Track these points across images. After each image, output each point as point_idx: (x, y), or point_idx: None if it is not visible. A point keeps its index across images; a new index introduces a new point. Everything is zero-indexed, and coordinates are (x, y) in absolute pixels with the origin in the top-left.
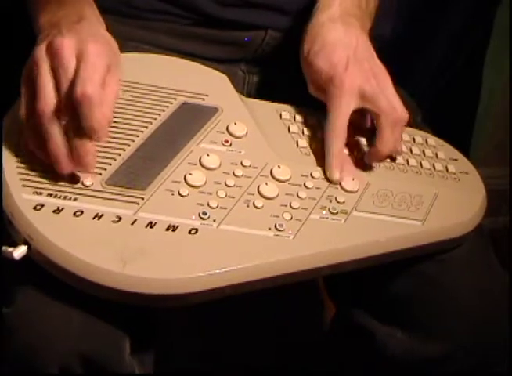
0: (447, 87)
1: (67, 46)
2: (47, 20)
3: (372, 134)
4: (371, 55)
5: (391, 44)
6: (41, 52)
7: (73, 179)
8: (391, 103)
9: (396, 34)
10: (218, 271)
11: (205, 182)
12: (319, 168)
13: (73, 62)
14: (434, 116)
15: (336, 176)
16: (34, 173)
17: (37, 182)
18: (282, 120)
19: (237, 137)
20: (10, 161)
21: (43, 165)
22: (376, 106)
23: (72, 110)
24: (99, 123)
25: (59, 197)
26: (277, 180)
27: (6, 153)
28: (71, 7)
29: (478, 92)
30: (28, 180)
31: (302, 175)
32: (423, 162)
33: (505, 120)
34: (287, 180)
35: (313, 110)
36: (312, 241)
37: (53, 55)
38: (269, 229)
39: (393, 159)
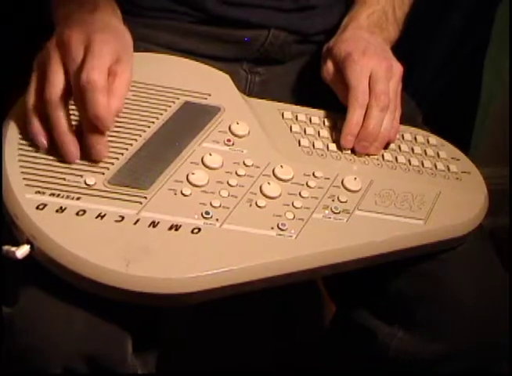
0: (447, 87)
1: (75, 37)
2: (62, 13)
3: None
4: (391, 55)
5: (392, 45)
6: (51, 44)
7: (75, 177)
8: (387, 89)
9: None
10: (220, 270)
11: (208, 182)
12: (322, 168)
13: (81, 52)
14: (434, 116)
15: (349, 144)
16: (36, 173)
17: (40, 181)
18: (284, 119)
19: (239, 136)
20: (13, 161)
21: (46, 165)
22: (373, 87)
23: (81, 100)
24: (103, 110)
25: (62, 197)
26: (279, 180)
27: (9, 153)
28: None
29: (478, 92)
30: (31, 180)
31: (305, 175)
32: (424, 162)
33: (505, 120)
34: (290, 180)
35: (315, 109)
36: (315, 241)
37: (62, 46)
38: (272, 228)
39: (395, 158)
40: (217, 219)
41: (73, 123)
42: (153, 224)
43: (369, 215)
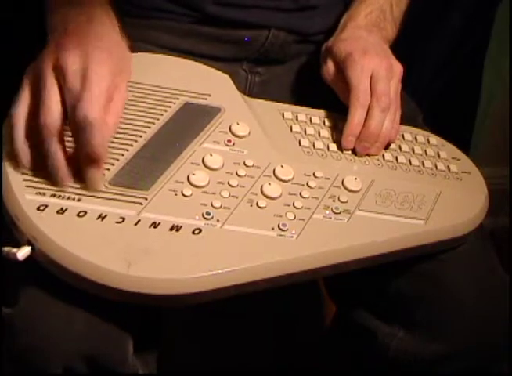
0: (447, 87)
1: (71, 62)
2: (58, 20)
3: None
4: (390, 55)
5: (390, 44)
6: (46, 63)
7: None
8: (388, 89)
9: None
10: (221, 271)
11: (208, 182)
12: (322, 168)
13: (78, 81)
14: (434, 116)
15: (350, 145)
16: (37, 174)
17: (41, 182)
18: (284, 119)
19: (240, 137)
20: (13, 162)
21: (47, 166)
22: (374, 87)
23: (77, 134)
24: (100, 148)
25: (63, 198)
26: (280, 180)
27: (9, 154)
28: (83, 6)
29: (478, 92)
30: (31, 181)
31: (305, 175)
32: (425, 162)
33: (505, 120)
34: (290, 180)
35: (316, 109)
36: (316, 241)
37: (58, 71)
38: (272, 229)
39: (395, 158)
40: (218, 220)
41: (69, 148)
42: (154, 225)
43: (370, 215)
